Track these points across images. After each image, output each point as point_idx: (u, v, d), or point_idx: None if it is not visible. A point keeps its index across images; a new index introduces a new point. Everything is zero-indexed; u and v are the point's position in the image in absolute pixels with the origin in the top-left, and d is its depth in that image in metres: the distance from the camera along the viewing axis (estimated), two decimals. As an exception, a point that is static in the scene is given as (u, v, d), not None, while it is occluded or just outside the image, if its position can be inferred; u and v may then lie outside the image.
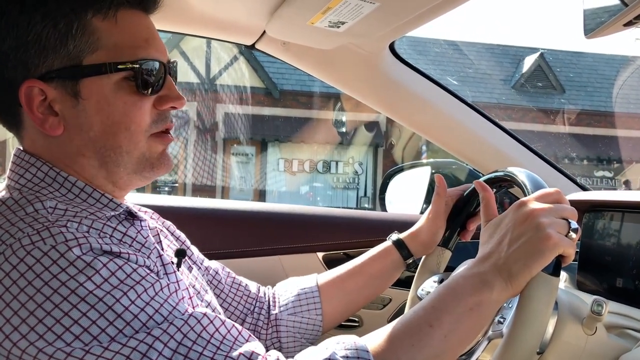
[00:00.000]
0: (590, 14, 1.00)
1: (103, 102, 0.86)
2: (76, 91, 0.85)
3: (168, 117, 0.93)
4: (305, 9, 1.23)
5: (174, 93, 0.92)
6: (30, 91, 0.84)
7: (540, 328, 0.81)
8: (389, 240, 1.25)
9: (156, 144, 0.92)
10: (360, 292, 1.24)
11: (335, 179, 14.39)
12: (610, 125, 14.33)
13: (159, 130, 0.91)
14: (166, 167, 0.94)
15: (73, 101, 0.86)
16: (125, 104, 0.87)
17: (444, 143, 1.76)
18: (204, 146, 13.37)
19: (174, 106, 0.92)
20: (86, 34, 0.85)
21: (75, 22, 0.84)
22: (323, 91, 13.27)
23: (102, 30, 0.86)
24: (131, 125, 0.88)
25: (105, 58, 0.85)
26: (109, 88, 0.86)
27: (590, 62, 15.49)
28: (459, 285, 0.83)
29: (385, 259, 1.24)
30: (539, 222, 0.82)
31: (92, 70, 0.85)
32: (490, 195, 0.98)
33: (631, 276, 1.12)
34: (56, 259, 0.73)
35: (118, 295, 0.73)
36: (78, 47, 0.84)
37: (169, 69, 0.92)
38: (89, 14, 0.85)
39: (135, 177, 0.92)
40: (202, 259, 1.22)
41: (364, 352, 0.76)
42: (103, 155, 0.89)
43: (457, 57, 14.38)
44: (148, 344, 0.70)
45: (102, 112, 0.86)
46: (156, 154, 0.92)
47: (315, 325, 1.22)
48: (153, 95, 0.90)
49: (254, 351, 0.74)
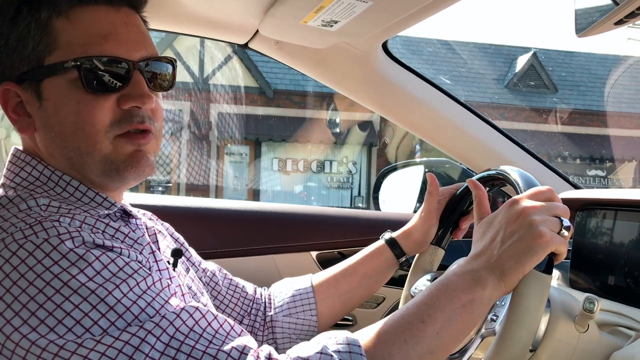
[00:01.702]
0: (581, 13, 1.00)
1: (59, 103, 0.86)
2: (39, 92, 0.86)
3: (135, 117, 0.87)
4: (298, 8, 1.23)
5: (137, 91, 0.87)
6: (7, 93, 0.87)
7: (533, 326, 0.82)
8: (381, 240, 1.26)
9: (123, 145, 0.87)
10: (354, 291, 1.24)
11: (329, 179, 14.40)
12: (602, 124, 14.40)
13: (122, 131, 0.87)
14: (136, 169, 0.88)
15: (37, 102, 0.87)
16: (79, 103, 0.85)
17: (437, 142, 1.77)
18: (197, 146, 13.34)
19: (136, 105, 0.87)
20: (45, 35, 0.85)
21: (32, 23, 0.85)
22: (317, 91, 13.27)
23: (58, 29, 0.85)
24: (85, 126, 0.85)
25: (61, 57, 0.84)
26: (63, 88, 0.85)
27: (583, 62, 15.56)
28: (452, 282, 0.83)
29: (378, 258, 1.24)
30: (532, 219, 0.82)
31: (49, 70, 0.85)
32: (482, 193, 0.98)
33: (623, 274, 1.12)
34: (49, 252, 0.73)
35: (110, 288, 0.73)
36: (37, 48, 0.85)
37: (138, 66, 0.88)
38: (42, 14, 0.85)
39: (107, 179, 0.89)
40: (199, 260, 1.23)
41: (356, 346, 0.76)
42: (67, 157, 0.88)
43: (450, 57, 14.41)
44: (140, 337, 0.70)
45: (59, 112, 0.86)
46: (123, 156, 0.87)
47: (311, 326, 1.22)
48: (111, 94, 0.86)
49: (246, 345, 0.74)
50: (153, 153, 0.92)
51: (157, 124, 0.92)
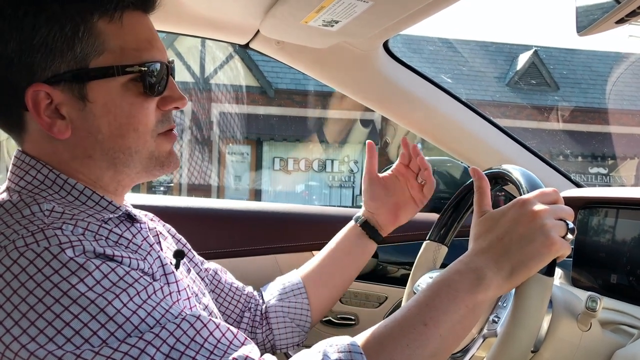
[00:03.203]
0: (582, 12, 1.00)
1: (110, 105, 0.86)
2: (83, 94, 0.85)
3: (171, 117, 0.95)
4: (299, 8, 1.23)
5: (177, 94, 0.93)
6: (36, 95, 0.84)
7: (535, 327, 0.82)
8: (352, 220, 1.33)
9: (164, 143, 0.93)
10: (339, 272, 1.30)
11: (331, 178, 14.39)
12: (604, 122, 14.37)
13: (164, 130, 0.93)
14: (174, 165, 0.96)
15: (80, 104, 0.85)
16: (132, 105, 0.87)
17: (439, 141, 1.77)
18: (199, 146, 13.34)
19: (177, 106, 0.93)
20: (92, 37, 0.84)
21: (82, 25, 0.84)
22: (318, 90, 13.26)
23: (107, 32, 0.85)
24: (139, 127, 0.89)
25: (112, 61, 0.85)
26: (116, 90, 0.86)
27: (584, 59, 15.53)
28: (455, 281, 0.81)
29: (349, 234, 1.32)
30: (543, 223, 0.81)
31: (98, 73, 0.85)
32: (486, 184, 0.93)
33: (625, 272, 1.12)
34: (49, 261, 0.72)
35: (110, 298, 0.72)
36: (84, 50, 0.84)
37: (170, 69, 0.92)
38: (94, 17, 0.84)
39: (143, 175, 0.94)
40: (201, 260, 1.24)
41: (358, 354, 0.75)
42: (112, 157, 0.89)
43: (451, 55, 14.39)
44: (140, 348, 0.70)
45: (110, 114, 0.87)
46: (165, 152, 0.94)
47: (304, 309, 1.26)
48: (157, 97, 0.90)
49: (248, 355, 0.74)
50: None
51: None
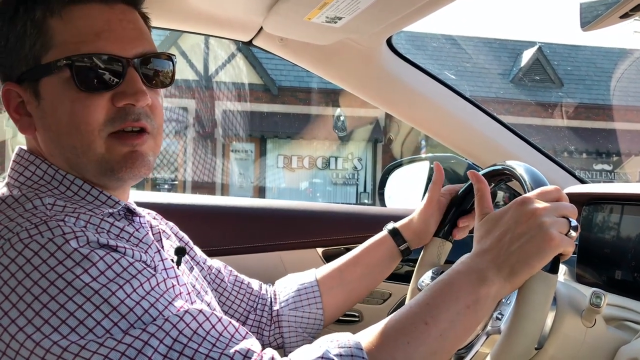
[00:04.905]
0: (586, 7, 1.00)
1: (55, 102, 0.86)
2: (37, 92, 0.86)
3: (129, 115, 0.86)
4: (302, 4, 1.22)
5: (132, 89, 0.86)
6: (8, 94, 0.88)
7: (539, 325, 0.82)
8: (384, 230, 1.26)
9: (116, 145, 0.86)
10: (358, 282, 1.25)
11: (335, 175, 14.40)
12: (608, 118, 14.33)
13: (115, 129, 0.86)
14: (131, 170, 0.87)
15: (36, 102, 0.87)
16: (73, 102, 0.85)
17: (443, 137, 1.76)
18: (203, 143, 13.36)
19: (130, 103, 0.86)
20: (41, 34, 0.85)
21: (28, 22, 0.85)
22: (321, 87, 13.25)
23: (54, 28, 0.85)
24: (80, 125, 0.85)
25: (55, 56, 0.84)
26: (58, 87, 0.85)
27: (589, 55, 15.48)
28: (456, 281, 0.81)
29: (380, 247, 1.24)
30: (542, 221, 0.81)
31: (44, 70, 0.85)
32: (485, 186, 0.95)
33: (630, 268, 1.12)
34: (53, 252, 0.73)
35: (114, 288, 0.73)
36: (34, 47, 0.85)
37: (132, 63, 0.86)
38: (37, 13, 0.85)
39: (105, 178, 0.88)
40: (204, 258, 1.22)
41: (358, 350, 0.75)
42: (65, 156, 0.88)
43: (455, 52, 14.36)
44: (143, 340, 0.70)
45: (56, 111, 0.86)
46: (118, 156, 0.86)
47: (317, 319, 1.22)
48: (105, 92, 0.85)
49: (249, 349, 0.74)
50: (151, 152, 0.91)
51: (155, 121, 0.90)
